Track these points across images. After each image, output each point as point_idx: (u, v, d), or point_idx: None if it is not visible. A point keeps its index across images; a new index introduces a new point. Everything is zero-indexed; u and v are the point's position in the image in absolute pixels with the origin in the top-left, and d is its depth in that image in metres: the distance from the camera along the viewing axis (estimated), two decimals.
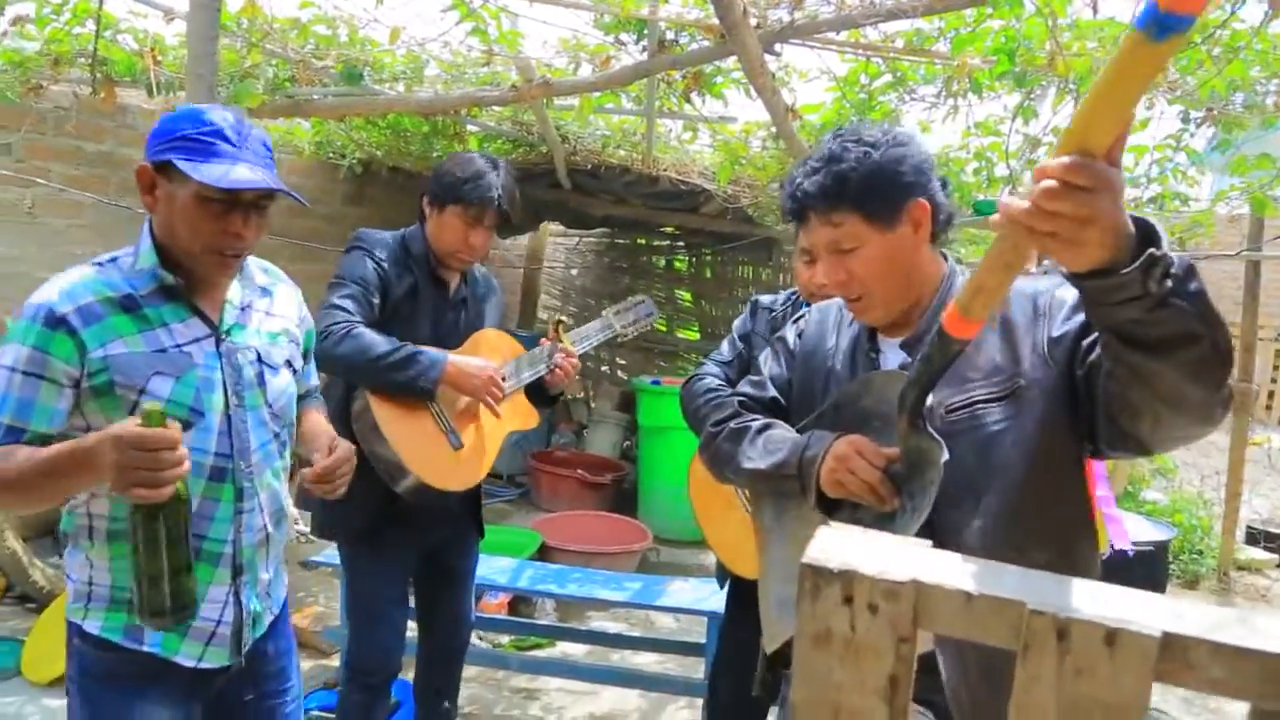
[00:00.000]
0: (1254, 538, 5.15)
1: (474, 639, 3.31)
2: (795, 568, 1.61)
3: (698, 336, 7.16)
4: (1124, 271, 0.93)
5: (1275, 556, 5.21)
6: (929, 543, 0.79)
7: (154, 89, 3.43)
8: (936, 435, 1.21)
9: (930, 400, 1.24)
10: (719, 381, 2.31)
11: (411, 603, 2.46)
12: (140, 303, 1.42)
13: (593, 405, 7.08)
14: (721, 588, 2.47)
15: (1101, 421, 1.19)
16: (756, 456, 1.49)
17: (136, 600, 1.31)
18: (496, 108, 4.07)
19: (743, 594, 2.33)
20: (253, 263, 1.61)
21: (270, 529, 1.57)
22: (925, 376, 1.15)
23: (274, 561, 1.63)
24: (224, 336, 1.50)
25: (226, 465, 1.47)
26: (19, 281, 4.08)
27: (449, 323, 2.33)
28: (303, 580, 3.96)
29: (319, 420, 1.79)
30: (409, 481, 2.13)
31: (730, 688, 2.35)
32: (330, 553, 3.12)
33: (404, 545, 2.29)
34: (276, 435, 1.58)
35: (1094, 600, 0.69)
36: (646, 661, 3.49)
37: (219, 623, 1.51)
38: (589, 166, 4.66)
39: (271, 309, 1.63)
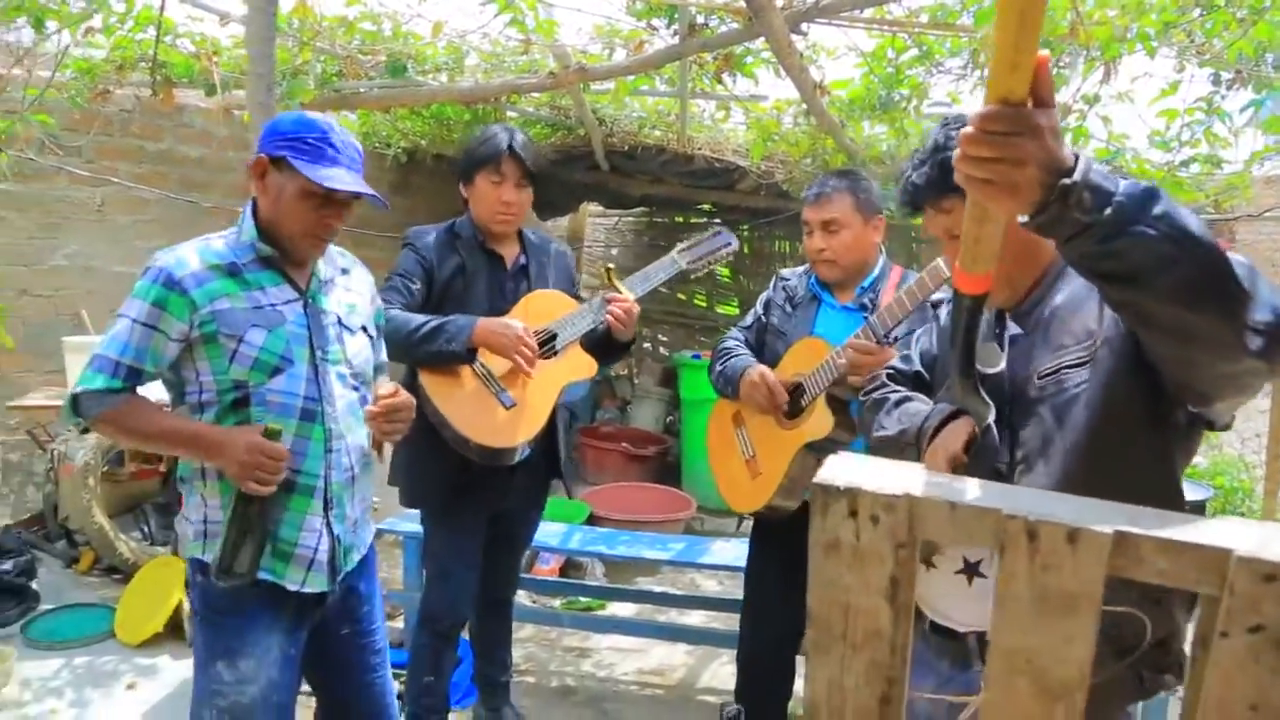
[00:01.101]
0: None
1: (528, 601, 3.51)
2: None
3: (737, 311, 7.27)
4: (1068, 214, 0.93)
5: None
6: (921, 464, 0.93)
7: (215, 88, 3.62)
8: (986, 398, 1.26)
9: (1029, 368, 1.35)
10: (735, 342, 2.53)
11: None
12: (242, 269, 1.70)
13: (636, 381, 7.23)
14: (737, 530, 2.59)
15: (1165, 378, 1.19)
16: (889, 425, 1.60)
17: (219, 557, 1.62)
18: (535, 94, 4.22)
19: (764, 535, 2.50)
20: (332, 248, 1.87)
21: (357, 470, 1.81)
22: (961, 338, 1.16)
23: (361, 504, 1.86)
24: (310, 301, 1.76)
25: (314, 408, 1.72)
26: (93, 276, 4.34)
27: (512, 292, 2.45)
28: None
29: (385, 380, 2.03)
30: (472, 446, 2.27)
31: (761, 626, 2.51)
32: (393, 520, 3.32)
33: (476, 516, 2.47)
34: (356, 389, 1.82)
35: (1058, 506, 0.83)
36: (692, 620, 3.65)
37: (315, 549, 1.74)
38: (625, 148, 4.78)
39: (349, 285, 1.89)
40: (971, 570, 1.34)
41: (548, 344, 2.38)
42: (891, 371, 1.80)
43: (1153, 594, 0.94)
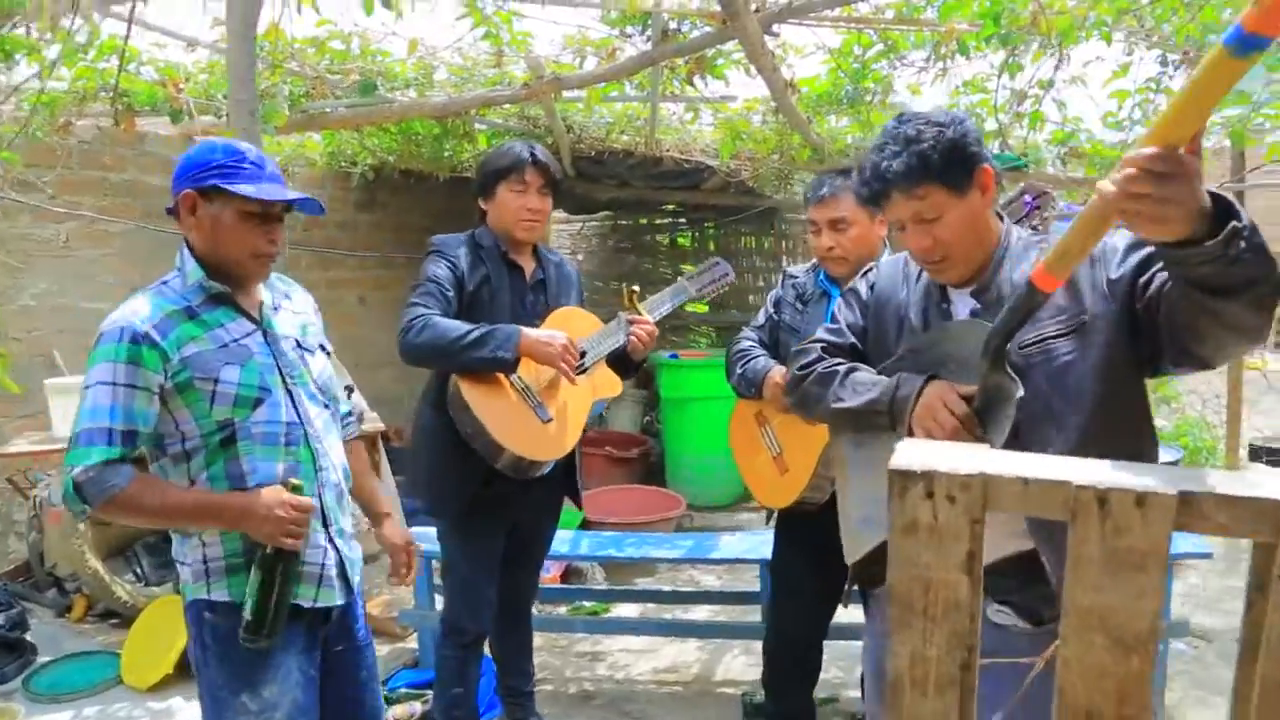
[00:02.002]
0: (1256, 454, 5.38)
1: (535, 609, 3.53)
2: (874, 490, 1.88)
3: (706, 308, 7.34)
4: (1208, 244, 1.11)
5: (1278, 471, 5.42)
6: (987, 445, 0.99)
7: (184, 114, 3.59)
8: (1014, 375, 1.40)
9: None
10: (750, 343, 2.58)
11: None
12: (197, 310, 1.69)
13: None
14: (767, 524, 2.65)
15: (1166, 345, 1.39)
16: (847, 396, 1.69)
17: (247, 620, 1.62)
18: (499, 106, 4.24)
19: (789, 528, 2.56)
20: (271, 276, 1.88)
21: (343, 485, 1.85)
22: (1012, 323, 1.34)
23: (351, 520, 1.89)
24: (267, 329, 1.77)
25: (297, 432, 1.74)
26: (63, 314, 4.27)
27: (531, 305, 2.49)
28: (366, 573, 4.16)
29: (372, 477, 2.13)
30: (505, 456, 2.29)
31: (790, 617, 2.58)
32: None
33: (495, 528, 2.50)
34: (326, 406, 1.85)
35: (1125, 473, 0.89)
36: (698, 616, 3.70)
37: (323, 565, 1.76)
38: (593, 153, 4.82)
39: (295, 308, 1.90)
40: None
41: (579, 361, 2.42)
42: (825, 344, 1.85)
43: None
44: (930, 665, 1.00)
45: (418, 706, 2.89)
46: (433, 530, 2.67)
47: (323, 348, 1.92)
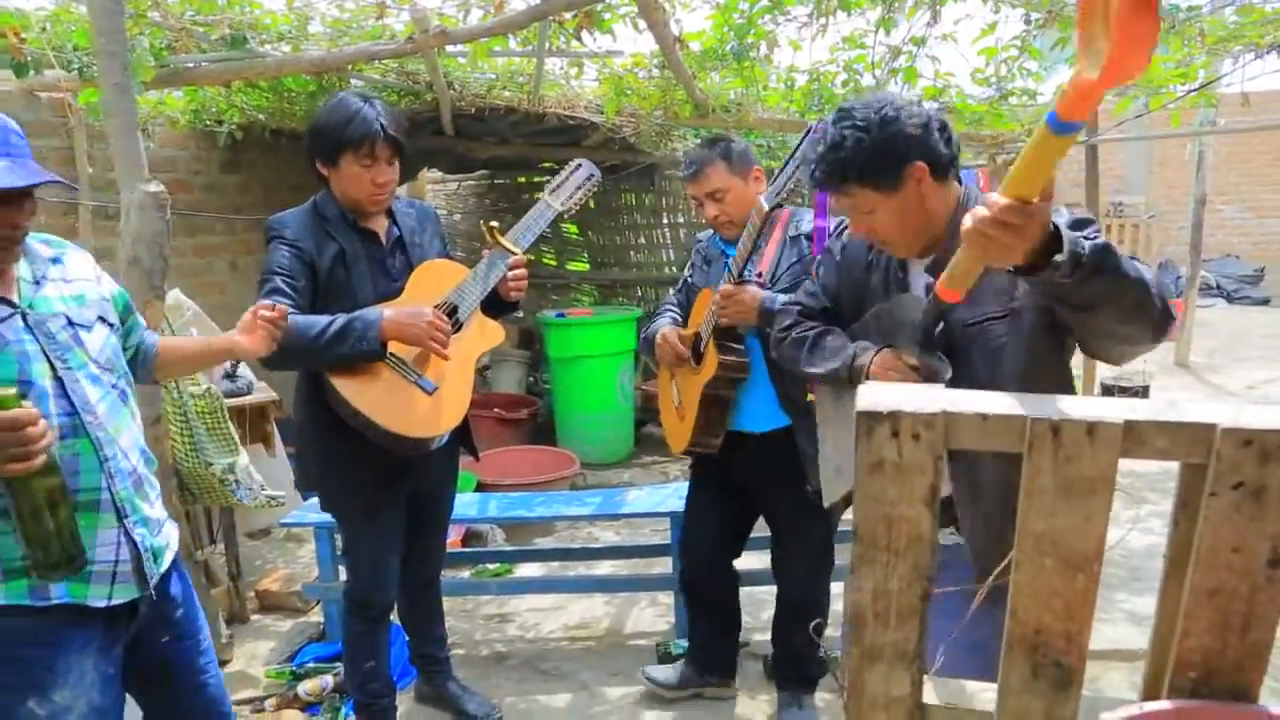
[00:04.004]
0: (1108, 391, 5.82)
1: None
2: (848, 441, 2.03)
3: (587, 267, 7.33)
4: (1041, 274, 1.28)
5: None
6: (941, 386, 1.04)
7: (25, 68, 3.29)
8: (943, 358, 1.60)
9: (952, 316, 1.62)
10: (668, 307, 2.76)
11: None
12: None
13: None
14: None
15: (1078, 341, 1.55)
16: (815, 363, 1.89)
17: (32, 561, 1.45)
18: (380, 60, 4.07)
19: (696, 471, 2.73)
20: (33, 239, 1.66)
21: (141, 470, 1.69)
22: (926, 321, 1.60)
23: (158, 500, 1.75)
24: (28, 311, 1.57)
25: (73, 421, 1.56)
26: None
27: (394, 268, 2.34)
28: (254, 550, 4.02)
29: (188, 339, 1.93)
30: (401, 441, 2.19)
31: (697, 550, 2.73)
32: (299, 514, 3.21)
33: (396, 502, 2.42)
34: (114, 386, 1.67)
35: (1073, 406, 0.95)
36: (603, 572, 3.74)
37: (117, 561, 1.62)
38: (473, 110, 4.69)
39: (66, 275, 1.69)
40: None
41: (451, 318, 2.29)
42: (801, 307, 2.02)
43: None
44: (892, 598, 1.06)
45: (329, 680, 2.82)
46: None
47: (103, 320, 1.71)
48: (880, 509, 1.02)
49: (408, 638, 2.78)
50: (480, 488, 4.46)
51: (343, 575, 2.72)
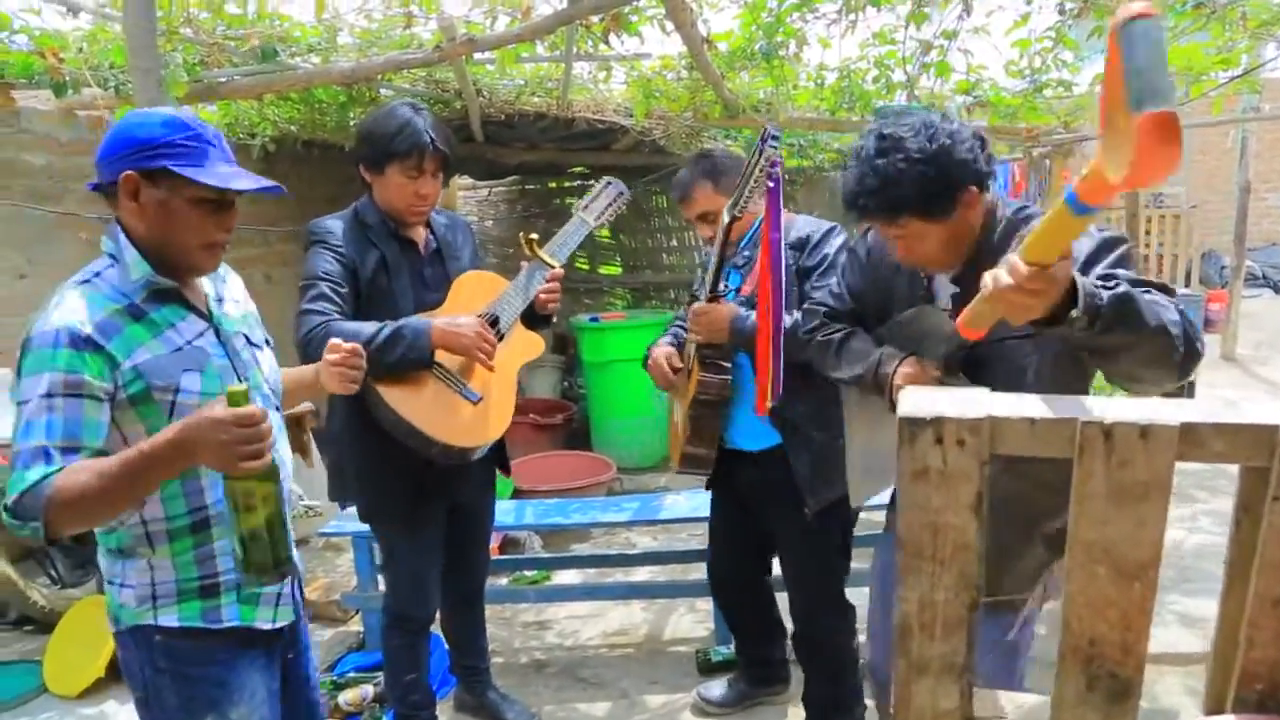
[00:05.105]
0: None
1: None
2: (873, 443, 2.04)
3: (619, 270, 7.32)
4: (1057, 329, 1.29)
5: None
6: (986, 389, 1.01)
7: (64, 88, 3.35)
8: (965, 378, 1.63)
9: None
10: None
11: None
12: (143, 309, 1.49)
13: None
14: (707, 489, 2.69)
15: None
16: (840, 367, 1.90)
17: (242, 562, 1.41)
18: (409, 69, 4.09)
19: (714, 485, 2.63)
20: None
21: (292, 494, 1.74)
22: (952, 348, 1.64)
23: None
24: (218, 327, 1.60)
25: None
26: None
27: (432, 279, 2.34)
28: (301, 557, 4.04)
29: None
30: (445, 450, 2.18)
31: (729, 567, 2.70)
32: (338, 524, 3.22)
33: (437, 515, 2.41)
34: (278, 409, 1.70)
35: (1125, 408, 0.91)
36: (641, 578, 3.72)
37: (281, 585, 1.64)
38: (503, 117, 4.70)
39: (234, 295, 1.71)
40: None
41: (493, 329, 2.27)
42: (827, 309, 2.00)
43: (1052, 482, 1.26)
44: (938, 609, 1.02)
45: (369, 689, 2.83)
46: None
47: (267, 342, 1.74)
48: (925, 517, 0.98)
49: (448, 647, 2.78)
50: (517, 494, 4.46)
51: (382, 585, 2.73)
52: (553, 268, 2.39)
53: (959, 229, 1.64)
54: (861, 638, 2.48)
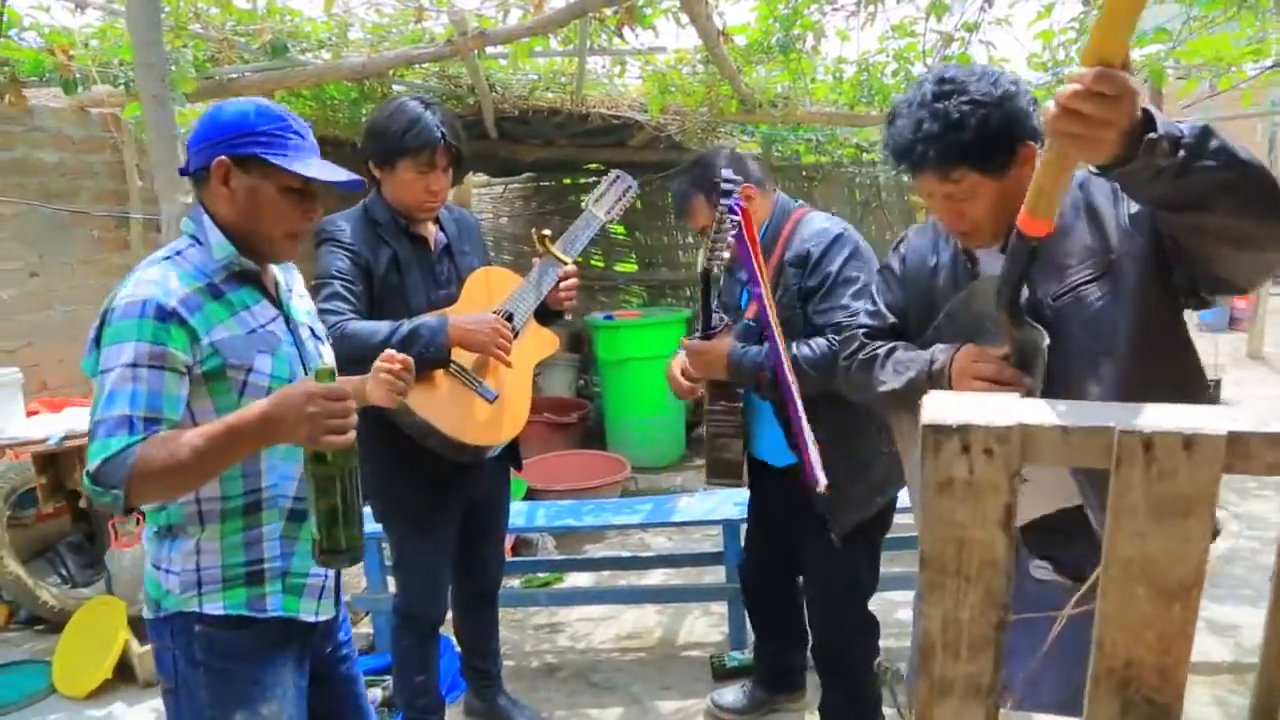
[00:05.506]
0: None
1: None
2: None
3: (635, 268, 7.26)
4: (1131, 163, 1.05)
5: None
6: (1014, 395, 0.94)
7: (75, 85, 3.33)
8: (1036, 324, 1.36)
9: (1037, 294, 1.42)
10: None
11: None
12: (221, 289, 1.51)
13: None
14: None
15: (1197, 273, 1.33)
16: (889, 379, 1.65)
17: (317, 541, 1.42)
18: (420, 64, 4.05)
19: (758, 490, 2.56)
20: None
21: None
22: (1013, 273, 1.30)
23: None
24: (288, 315, 1.62)
25: None
26: None
27: (443, 276, 2.32)
28: None
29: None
30: (463, 449, 2.16)
31: (759, 571, 2.64)
32: None
33: (451, 514, 2.38)
34: None
35: (1169, 415, 0.85)
36: (654, 580, 3.67)
37: (326, 576, 1.64)
38: (516, 113, 4.66)
39: (299, 290, 1.73)
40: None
41: (508, 325, 2.25)
42: (866, 328, 1.83)
43: None
44: (963, 627, 0.96)
45: (377, 693, 2.78)
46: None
47: (325, 336, 1.76)
48: (949, 531, 0.92)
49: (459, 650, 2.74)
50: (530, 493, 4.42)
51: (391, 586, 2.69)
52: (565, 263, 2.35)
53: (1011, 191, 1.44)
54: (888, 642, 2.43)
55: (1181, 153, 1.06)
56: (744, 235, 1.96)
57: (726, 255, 2.11)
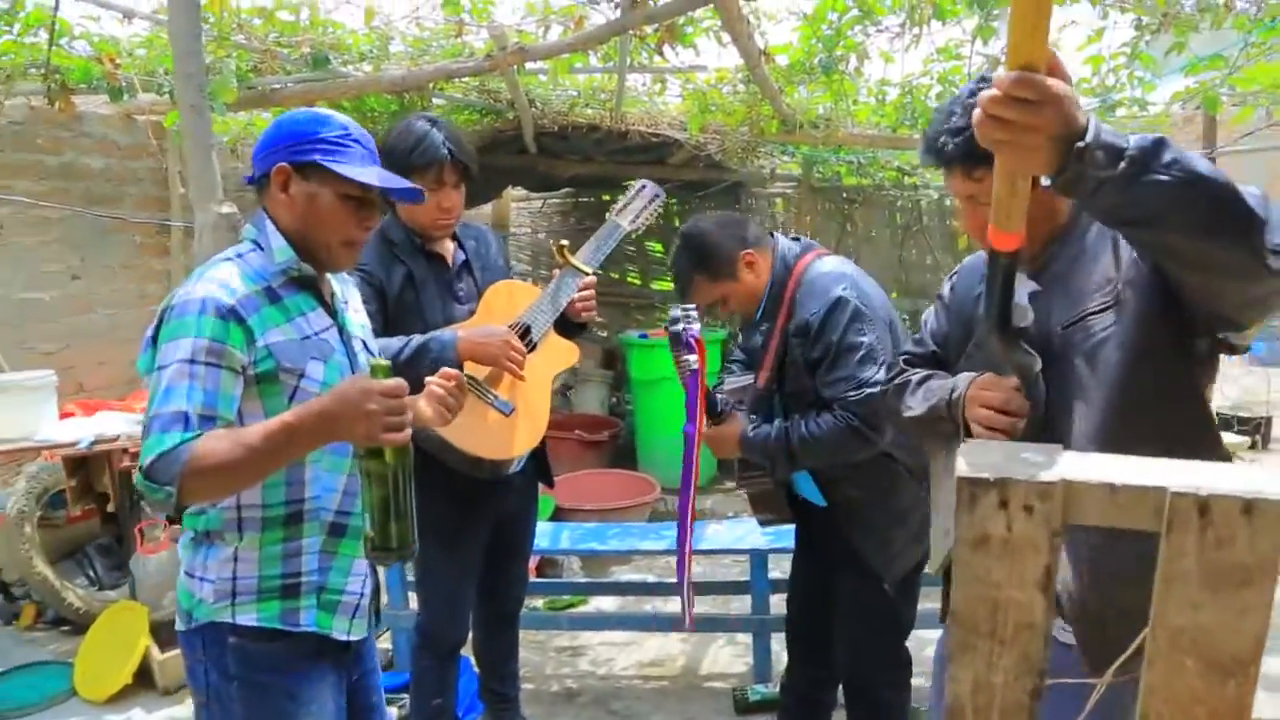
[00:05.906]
0: (1226, 423, 5.41)
1: None
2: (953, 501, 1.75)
3: (672, 286, 7.22)
4: (1064, 175, 0.99)
5: (1246, 439, 5.47)
6: (1060, 447, 0.88)
7: (120, 92, 3.38)
8: (1029, 349, 1.32)
9: (1050, 322, 1.37)
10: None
11: None
12: (279, 294, 1.51)
13: (577, 365, 7.12)
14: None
15: (1190, 305, 1.25)
16: (916, 405, 1.62)
17: (369, 537, 1.41)
18: (460, 79, 4.05)
19: (807, 528, 2.48)
20: None
21: None
22: (997, 296, 1.23)
23: None
24: (343, 326, 1.62)
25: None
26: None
27: (462, 292, 2.31)
28: None
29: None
30: (479, 464, 2.14)
31: (802, 602, 2.55)
32: None
33: (477, 532, 2.35)
34: None
35: (1228, 477, 0.78)
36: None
37: (361, 594, 1.60)
38: (556, 128, 4.65)
39: (355, 303, 1.74)
40: None
41: (524, 339, 2.24)
42: (907, 355, 1.81)
43: None
44: (995, 692, 0.90)
45: (393, 712, 2.75)
46: None
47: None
48: (984, 590, 0.86)
49: (477, 671, 2.70)
50: (557, 511, 4.38)
51: (413, 602, 2.66)
52: (586, 274, 2.33)
53: (1042, 201, 1.38)
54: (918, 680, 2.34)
55: (1123, 164, 0.98)
56: (696, 377, 2.08)
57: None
